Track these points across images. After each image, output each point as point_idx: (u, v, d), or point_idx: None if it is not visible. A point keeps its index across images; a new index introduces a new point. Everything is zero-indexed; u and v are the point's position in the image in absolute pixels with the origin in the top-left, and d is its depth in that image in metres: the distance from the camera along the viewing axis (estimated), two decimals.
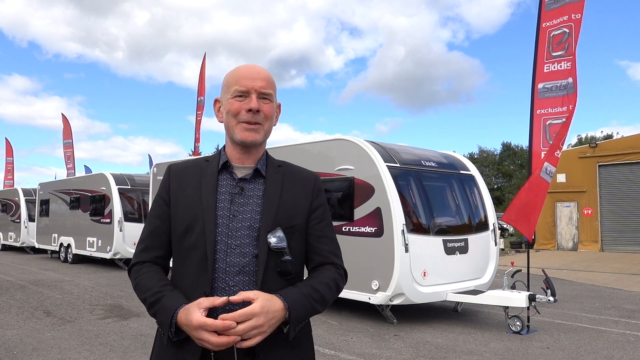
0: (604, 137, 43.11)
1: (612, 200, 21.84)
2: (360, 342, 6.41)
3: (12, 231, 21.15)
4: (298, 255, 1.56)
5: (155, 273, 1.54)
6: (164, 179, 1.64)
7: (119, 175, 15.27)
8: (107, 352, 5.77)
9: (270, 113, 1.56)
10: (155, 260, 1.58)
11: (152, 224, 1.60)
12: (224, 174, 1.58)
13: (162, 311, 1.43)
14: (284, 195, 1.56)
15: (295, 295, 1.43)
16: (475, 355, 5.84)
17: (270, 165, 1.62)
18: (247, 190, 1.55)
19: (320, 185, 1.66)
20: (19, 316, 7.74)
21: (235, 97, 1.53)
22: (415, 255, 7.31)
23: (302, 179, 1.63)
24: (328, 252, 1.61)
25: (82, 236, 15.74)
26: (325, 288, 1.51)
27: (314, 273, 1.58)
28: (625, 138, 23.10)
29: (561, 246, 22.84)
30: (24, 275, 13.00)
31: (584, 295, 10.52)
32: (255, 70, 1.56)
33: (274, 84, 1.59)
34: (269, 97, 1.56)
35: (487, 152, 51.54)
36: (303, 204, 1.59)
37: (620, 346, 6.30)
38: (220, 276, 1.46)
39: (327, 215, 1.66)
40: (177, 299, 1.43)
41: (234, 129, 1.55)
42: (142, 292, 1.50)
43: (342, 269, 1.62)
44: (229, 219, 1.50)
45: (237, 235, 1.49)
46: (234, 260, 1.47)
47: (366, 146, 7.85)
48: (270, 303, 1.36)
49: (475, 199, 8.67)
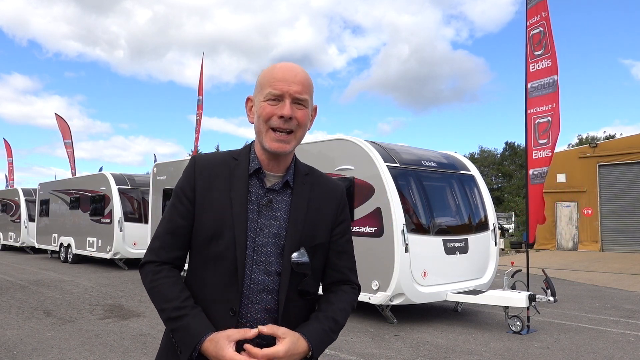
0: (605, 137, 43.10)
1: (612, 200, 21.84)
2: (360, 342, 6.41)
3: (12, 231, 21.16)
4: (317, 272, 1.55)
5: (177, 281, 1.47)
6: (188, 173, 1.53)
7: (119, 175, 15.27)
8: (107, 352, 5.77)
9: (304, 120, 1.47)
10: (174, 261, 1.51)
11: (173, 221, 1.50)
12: (253, 179, 1.50)
13: (184, 332, 1.38)
14: (311, 209, 1.51)
15: (319, 333, 1.44)
16: (475, 355, 5.84)
17: (298, 173, 1.55)
18: (274, 202, 1.49)
19: (346, 199, 1.62)
20: (19, 316, 7.74)
21: (267, 100, 1.44)
22: (415, 255, 7.31)
23: (328, 191, 1.58)
24: (346, 269, 1.60)
25: (82, 236, 15.74)
26: (343, 315, 1.53)
27: (332, 296, 1.56)
28: (626, 138, 23.10)
29: (561, 246, 22.84)
30: (24, 275, 13.00)
31: (584, 295, 10.52)
32: (292, 72, 1.46)
33: (310, 88, 1.49)
34: (304, 102, 1.46)
35: (487, 152, 51.56)
36: (328, 219, 1.55)
37: (620, 346, 6.30)
38: (245, 293, 1.42)
39: (349, 230, 1.63)
40: (203, 324, 1.39)
41: (263, 136, 1.46)
42: (161, 301, 1.44)
43: (357, 287, 1.62)
44: (256, 233, 1.45)
45: (262, 251, 1.45)
46: (259, 278, 1.44)
47: (366, 146, 7.85)
48: (295, 346, 1.36)
49: (476, 199, 8.68)
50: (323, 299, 1.56)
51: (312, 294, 1.51)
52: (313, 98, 1.53)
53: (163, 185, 12.55)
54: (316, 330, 1.43)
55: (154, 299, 1.47)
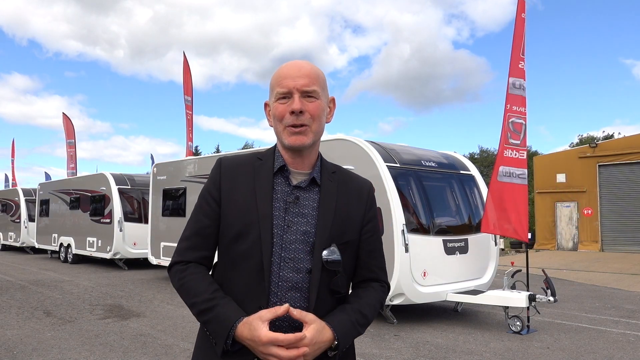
0: (604, 137, 43.09)
1: (612, 200, 21.84)
2: (360, 342, 6.41)
3: (12, 231, 21.17)
4: (348, 271, 1.53)
5: (204, 276, 1.47)
6: (214, 173, 1.54)
7: (119, 175, 15.27)
8: (107, 352, 5.77)
9: (316, 112, 1.46)
10: (201, 261, 1.50)
11: (199, 222, 1.50)
12: (278, 177, 1.50)
13: (216, 321, 1.38)
14: (339, 207, 1.50)
15: (346, 324, 1.42)
16: (475, 355, 5.84)
17: (324, 171, 1.54)
18: (302, 200, 1.48)
19: (374, 196, 1.62)
20: (19, 316, 7.74)
21: (278, 100, 1.45)
22: (415, 255, 7.31)
23: (356, 189, 1.57)
24: (377, 268, 1.59)
25: (82, 236, 15.75)
26: (371, 311, 1.51)
27: (361, 291, 1.55)
28: (626, 138, 23.10)
29: (561, 246, 22.84)
30: (24, 275, 13.00)
31: (584, 295, 10.52)
32: (297, 67, 1.46)
33: (319, 79, 1.48)
34: (314, 94, 1.45)
35: (488, 152, 51.57)
36: (357, 217, 1.53)
37: (620, 346, 6.30)
38: (273, 290, 1.41)
39: (378, 228, 1.62)
40: (234, 310, 1.38)
41: (281, 135, 1.47)
42: (191, 295, 1.43)
43: (386, 285, 1.61)
44: (283, 230, 1.44)
45: (290, 248, 1.43)
46: (287, 275, 1.42)
47: (366, 146, 7.85)
48: (321, 334, 1.35)
49: (475, 199, 8.68)
50: (352, 294, 1.55)
51: (343, 293, 1.48)
52: (327, 89, 1.53)
53: (163, 185, 12.54)
54: (342, 321, 1.42)
55: (184, 296, 1.45)
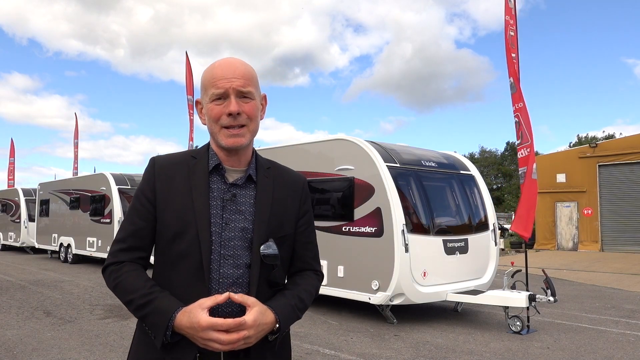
0: (604, 137, 43.10)
1: (612, 200, 21.84)
2: (360, 342, 6.41)
3: (12, 231, 21.15)
4: (285, 263, 1.58)
5: (140, 273, 1.46)
6: (148, 174, 1.53)
7: (119, 175, 15.28)
8: (107, 352, 5.77)
9: (253, 112, 1.47)
10: (136, 261, 1.49)
11: (134, 224, 1.49)
12: (214, 175, 1.51)
13: (154, 314, 1.37)
14: (275, 202, 1.53)
15: (286, 308, 1.46)
16: (475, 355, 5.84)
17: (260, 167, 1.57)
18: (239, 197, 1.50)
19: (308, 190, 1.66)
20: (19, 316, 7.75)
21: (213, 101, 1.45)
22: (415, 255, 7.31)
23: (291, 183, 1.61)
24: (311, 259, 1.65)
25: (82, 236, 15.74)
26: (308, 296, 1.56)
27: (298, 278, 1.61)
28: (626, 138, 23.10)
29: (561, 246, 22.84)
30: (24, 275, 13.00)
31: (584, 295, 10.52)
32: (231, 67, 1.46)
33: (253, 79, 1.49)
34: (249, 95, 1.46)
35: (488, 152, 51.60)
36: (292, 211, 1.58)
37: (620, 346, 6.30)
38: (214, 287, 1.43)
39: (312, 220, 1.67)
40: (173, 302, 1.38)
41: (217, 135, 1.47)
42: (127, 293, 1.42)
43: (320, 274, 1.67)
44: (221, 227, 1.46)
45: (229, 245, 1.46)
46: (228, 272, 1.44)
47: (366, 146, 7.85)
48: (263, 316, 1.37)
49: (475, 199, 8.68)
50: (289, 281, 1.61)
51: (280, 285, 1.54)
52: (259, 88, 1.54)
53: None
54: (283, 304, 1.46)
55: (120, 294, 1.45)
